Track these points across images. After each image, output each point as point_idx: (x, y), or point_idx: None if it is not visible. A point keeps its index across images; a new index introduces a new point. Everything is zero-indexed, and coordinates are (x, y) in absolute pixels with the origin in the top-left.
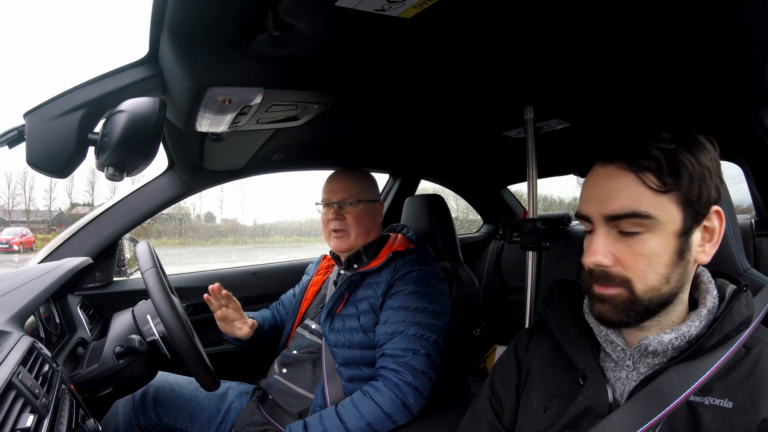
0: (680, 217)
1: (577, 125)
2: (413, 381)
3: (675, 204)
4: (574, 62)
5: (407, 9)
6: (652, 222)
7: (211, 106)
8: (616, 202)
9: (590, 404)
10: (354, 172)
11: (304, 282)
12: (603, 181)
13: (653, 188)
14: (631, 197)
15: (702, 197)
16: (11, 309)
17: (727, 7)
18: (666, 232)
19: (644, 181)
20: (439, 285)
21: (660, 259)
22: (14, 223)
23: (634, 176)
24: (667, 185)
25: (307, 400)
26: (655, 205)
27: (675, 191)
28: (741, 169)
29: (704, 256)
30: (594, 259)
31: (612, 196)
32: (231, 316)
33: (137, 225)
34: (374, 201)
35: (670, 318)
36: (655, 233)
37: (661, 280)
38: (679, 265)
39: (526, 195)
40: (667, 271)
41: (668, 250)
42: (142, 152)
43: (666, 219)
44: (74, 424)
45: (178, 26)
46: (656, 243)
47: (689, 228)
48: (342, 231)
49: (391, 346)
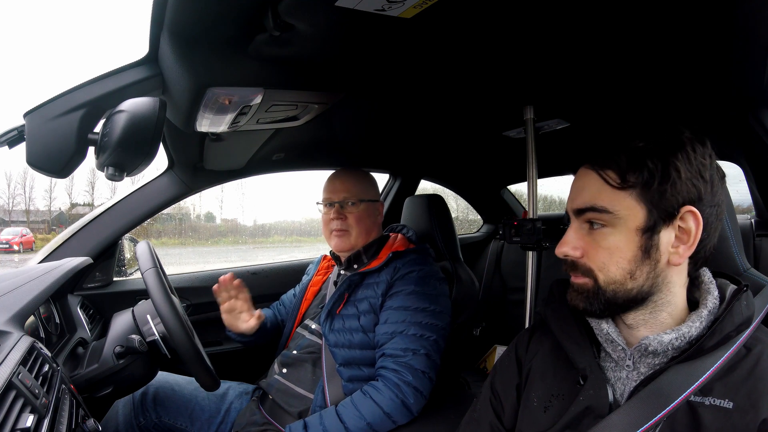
0: (643, 213)
1: (577, 125)
2: (413, 381)
3: (635, 200)
4: (573, 62)
5: (407, 9)
6: (611, 217)
7: (211, 106)
8: (580, 197)
9: (590, 404)
10: (355, 172)
11: (304, 282)
12: (576, 181)
13: (612, 184)
14: (592, 192)
15: (665, 195)
16: (11, 309)
17: (727, 7)
18: (627, 228)
19: (605, 179)
20: (439, 285)
21: (621, 252)
22: (14, 223)
23: (596, 174)
24: (627, 182)
25: (307, 400)
26: (612, 200)
27: (635, 188)
28: (741, 169)
29: (677, 257)
30: (562, 249)
31: (578, 192)
32: (239, 307)
33: (137, 225)
34: (375, 201)
35: (658, 318)
36: (616, 228)
37: (624, 274)
38: (645, 263)
39: (526, 195)
40: (630, 266)
41: (630, 246)
42: (142, 152)
43: (626, 215)
44: (74, 424)
45: (178, 26)
46: (617, 237)
47: (653, 225)
48: (343, 231)
49: (391, 346)
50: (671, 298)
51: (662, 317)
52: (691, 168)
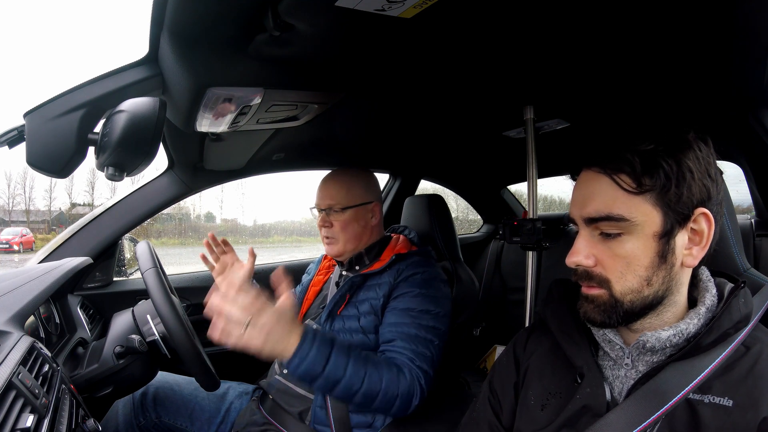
0: (659, 218)
1: (577, 125)
2: (424, 383)
3: (652, 205)
4: (574, 62)
5: (407, 9)
6: (628, 224)
7: (211, 106)
8: (592, 205)
9: (588, 403)
10: (344, 175)
11: (305, 282)
12: (583, 185)
13: (628, 190)
14: (606, 200)
15: (682, 197)
16: (11, 309)
17: (727, 7)
18: (644, 234)
19: (619, 184)
20: (443, 287)
21: (639, 260)
22: (14, 223)
23: (608, 179)
24: (643, 186)
25: (307, 400)
26: (629, 207)
27: (651, 192)
28: (741, 169)
29: (691, 259)
30: (574, 259)
31: (589, 199)
32: (229, 259)
33: (137, 225)
34: (366, 203)
35: (662, 318)
36: (633, 235)
37: (641, 282)
38: (661, 268)
39: (526, 195)
40: (648, 273)
41: (648, 252)
42: (142, 152)
43: (643, 220)
44: (74, 424)
45: (178, 26)
46: (634, 245)
47: (670, 230)
48: (331, 237)
49: (401, 345)
50: (678, 298)
51: (667, 317)
52: (700, 167)
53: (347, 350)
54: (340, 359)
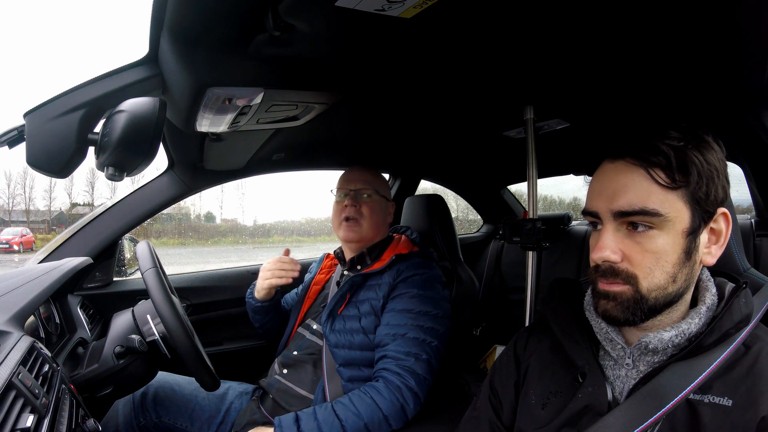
0: (688, 215)
1: (577, 125)
2: (415, 386)
3: (683, 202)
4: (573, 62)
5: (407, 9)
6: (661, 219)
7: (211, 106)
8: (624, 198)
9: (589, 402)
10: (372, 169)
11: (307, 280)
12: (612, 177)
13: (662, 184)
14: (641, 193)
15: (710, 196)
16: (11, 309)
17: (727, 6)
18: (675, 230)
19: (653, 177)
20: (442, 289)
21: (668, 257)
22: (14, 223)
23: (643, 172)
24: (677, 182)
25: (307, 400)
26: (663, 201)
27: (683, 188)
28: (741, 169)
29: (710, 257)
30: (602, 254)
31: (621, 191)
32: None
33: (137, 225)
34: (388, 200)
35: (672, 316)
36: (664, 230)
37: (668, 278)
38: (686, 265)
39: (526, 195)
40: (674, 269)
41: (676, 249)
42: (142, 152)
43: (674, 216)
44: (74, 424)
45: (178, 26)
46: (665, 240)
47: (697, 227)
48: (354, 220)
49: (393, 348)
50: (688, 297)
51: (675, 315)
52: (721, 168)
53: (312, 414)
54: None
